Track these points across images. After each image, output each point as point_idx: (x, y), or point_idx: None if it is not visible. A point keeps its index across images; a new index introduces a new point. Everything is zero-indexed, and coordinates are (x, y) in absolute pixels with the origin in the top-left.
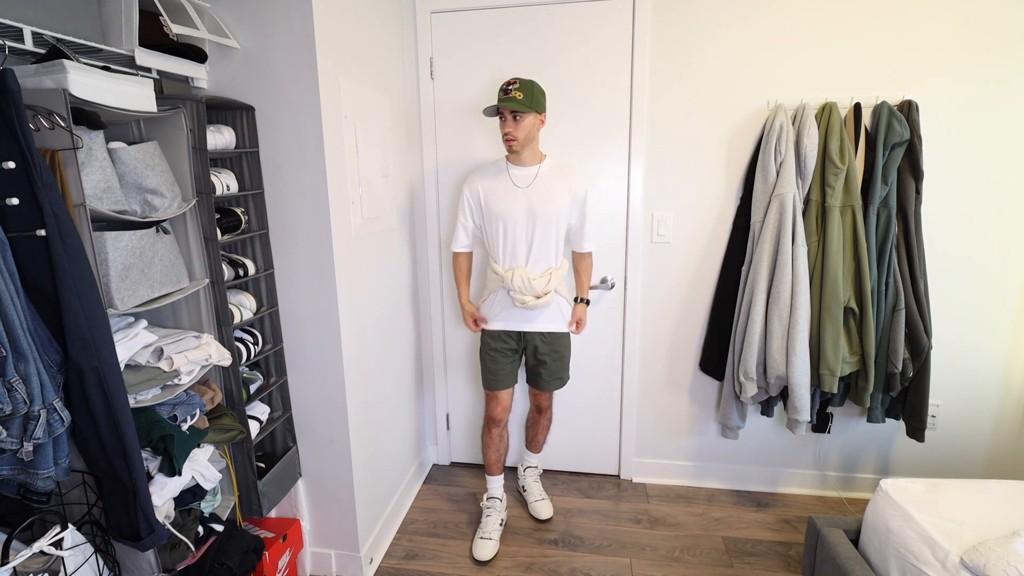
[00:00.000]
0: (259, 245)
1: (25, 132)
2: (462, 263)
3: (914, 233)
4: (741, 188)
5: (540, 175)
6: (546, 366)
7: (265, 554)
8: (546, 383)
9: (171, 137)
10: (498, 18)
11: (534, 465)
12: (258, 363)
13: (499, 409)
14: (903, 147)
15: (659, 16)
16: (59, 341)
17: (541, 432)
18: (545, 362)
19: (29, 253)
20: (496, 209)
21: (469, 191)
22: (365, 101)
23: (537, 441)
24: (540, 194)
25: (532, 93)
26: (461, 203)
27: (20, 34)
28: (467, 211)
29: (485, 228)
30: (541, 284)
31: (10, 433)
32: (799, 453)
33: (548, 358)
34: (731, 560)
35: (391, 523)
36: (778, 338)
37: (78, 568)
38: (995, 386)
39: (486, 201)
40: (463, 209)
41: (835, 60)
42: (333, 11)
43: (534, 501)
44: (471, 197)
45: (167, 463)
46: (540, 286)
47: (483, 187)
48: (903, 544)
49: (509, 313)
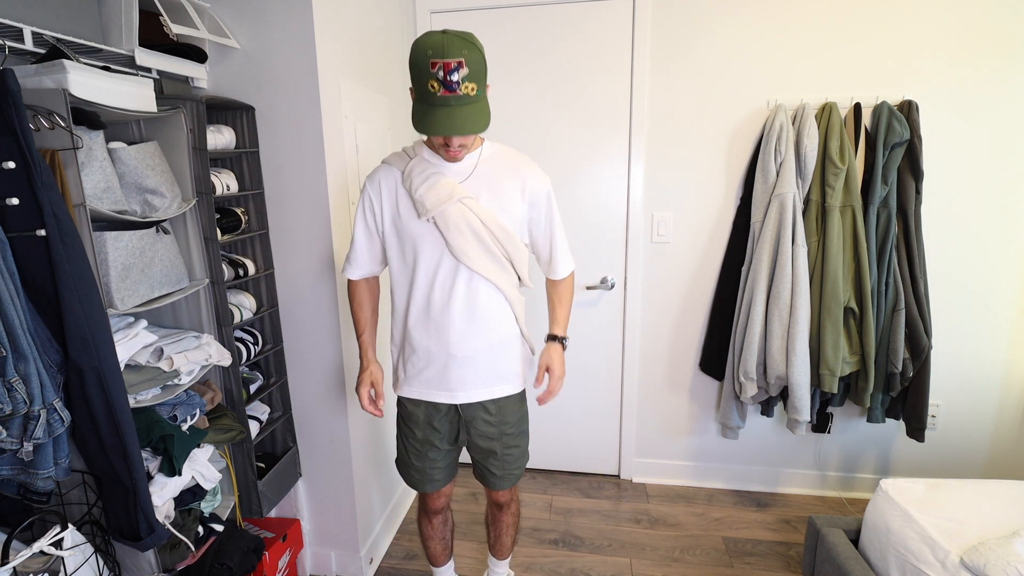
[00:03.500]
0: (259, 245)
1: (25, 132)
2: (363, 295)
3: (914, 233)
4: (741, 188)
5: (480, 166)
6: (497, 458)
7: (265, 554)
8: (501, 480)
9: (171, 137)
10: (498, 18)
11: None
12: (258, 363)
13: (439, 500)
14: (903, 147)
15: (659, 16)
16: (59, 341)
17: (507, 532)
18: (495, 452)
19: (29, 253)
20: (411, 226)
21: (373, 194)
22: (365, 101)
23: (503, 545)
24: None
25: (483, 72)
26: (361, 210)
27: (20, 34)
28: (370, 222)
29: (397, 247)
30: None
31: (10, 433)
32: (799, 453)
33: (498, 444)
34: (731, 560)
35: (391, 523)
36: (778, 338)
37: (78, 568)
38: (995, 386)
39: (401, 209)
40: (364, 219)
41: (835, 60)
42: (333, 11)
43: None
44: (375, 202)
45: (167, 463)
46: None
47: (388, 190)
48: (903, 544)
49: (434, 375)
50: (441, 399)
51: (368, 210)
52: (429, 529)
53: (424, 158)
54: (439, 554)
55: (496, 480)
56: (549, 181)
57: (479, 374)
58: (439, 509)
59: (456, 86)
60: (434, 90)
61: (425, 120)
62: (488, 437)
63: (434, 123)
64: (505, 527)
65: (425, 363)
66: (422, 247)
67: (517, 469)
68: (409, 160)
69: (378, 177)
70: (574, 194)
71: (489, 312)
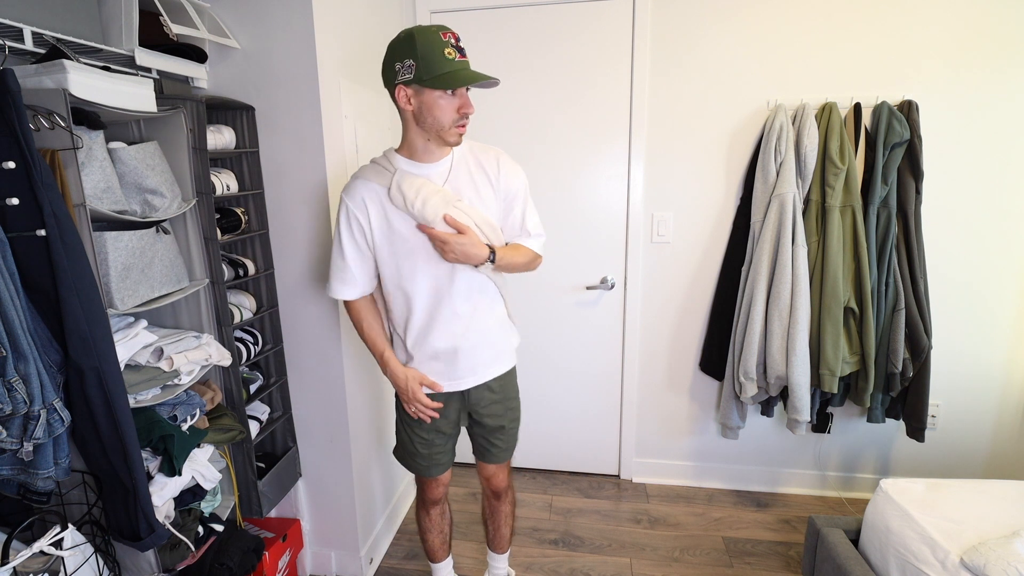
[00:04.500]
0: (259, 245)
1: (25, 132)
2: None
3: (914, 233)
4: (741, 188)
5: (456, 166)
6: (504, 431)
7: (265, 554)
8: (505, 452)
9: (171, 137)
10: (498, 18)
11: (503, 573)
12: (258, 363)
13: (439, 490)
14: (903, 147)
15: (659, 16)
16: (59, 341)
17: (505, 523)
18: (503, 426)
19: (29, 253)
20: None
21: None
22: (365, 101)
23: (502, 537)
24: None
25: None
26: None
27: (20, 34)
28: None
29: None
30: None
31: (10, 433)
32: (799, 453)
33: (505, 418)
34: (731, 560)
35: (391, 523)
36: (778, 338)
37: (78, 568)
38: (995, 386)
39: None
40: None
41: (835, 60)
42: (333, 11)
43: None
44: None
45: (167, 463)
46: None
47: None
48: (903, 544)
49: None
50: (450, 388)
51: (356, 228)
52: (428, 522)
53: (404, 169)
54: (437, 548)
55: (501, 453)
56: (523, 173)
57: (481, 358)
58: (437, 499)
59: (465, 52)
60: (452, 56)
61: (461, 74)
62: (496, 415)
63: (472, 75)
64: (504, 517)
65: (433, 360)
66: (419, 255)
67: (515, 440)
68: (390, 174)
69: (360, 194)
70: (574, 194)
71: (485, 301)
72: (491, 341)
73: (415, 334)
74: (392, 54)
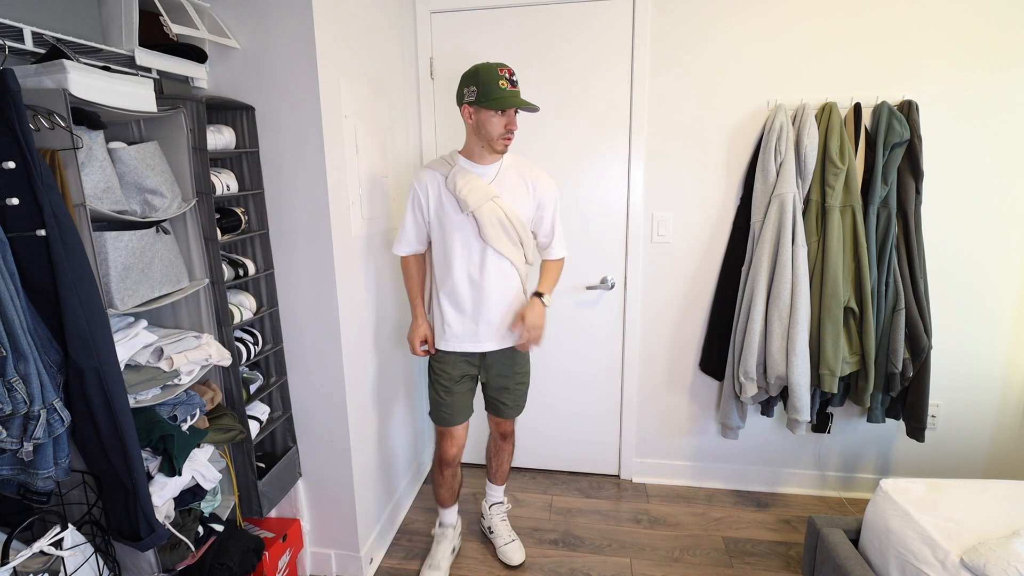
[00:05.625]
0: (259, 245)
1: (25, 132)
2: (413, 267)
3: (914, 233)
4: (741, 188)
5: (502, 172)
6: (509, 392)
7: (265, 554)
8: (511, 410)
9: (171, 137)
10: (498, 18)
11: (500, 501)
12: (258, 363)
13: (454, 448)
14: (903, 147)
15: (659, 16)
16: (59, 341)
17: (506, 460)
18: (508, 388)
19: (29, 253)
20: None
21: (421, 193)
22: (365, 101)
23: (502, 471)
24: (504, 193)
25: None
26: (411, 204)
27: (20, 34)
28: (417, 214)
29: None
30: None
31: (10, 433)
32: (799, 453)
33: (511, 381)
34: (731, 560)
35: (391, 523)
36: (778, 338)
37: (78, 568)
38: (995, 386)
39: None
40: (413, 211)
41: (835, 60)
42: (333, 11)
43: (503, 545)
44: (423, 199)
45: (167, 463)
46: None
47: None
48: (903, 544)
49: (466, 330)
50: (472, 349)
51: (416, 205)
52: (441, 479)
53: (462, 166)
54: (447, 498)
55: (507, 410)
56: (555, 185)
57: (498, 328)
58: (451, 461)
59: (516, 84)
60: (504, 86)
61: (508, 100)
62: (503, 375)
63: (516, 101)
64: (506, 455)
65: (460, 322)
66: (459, 234)
67: (522, 402)
68: (451, 167)
69: (425, 180)
70: (574, 194)
71: (507, 281)
72: (508, 316)
73: (448, 297)
74: (463, 81)
